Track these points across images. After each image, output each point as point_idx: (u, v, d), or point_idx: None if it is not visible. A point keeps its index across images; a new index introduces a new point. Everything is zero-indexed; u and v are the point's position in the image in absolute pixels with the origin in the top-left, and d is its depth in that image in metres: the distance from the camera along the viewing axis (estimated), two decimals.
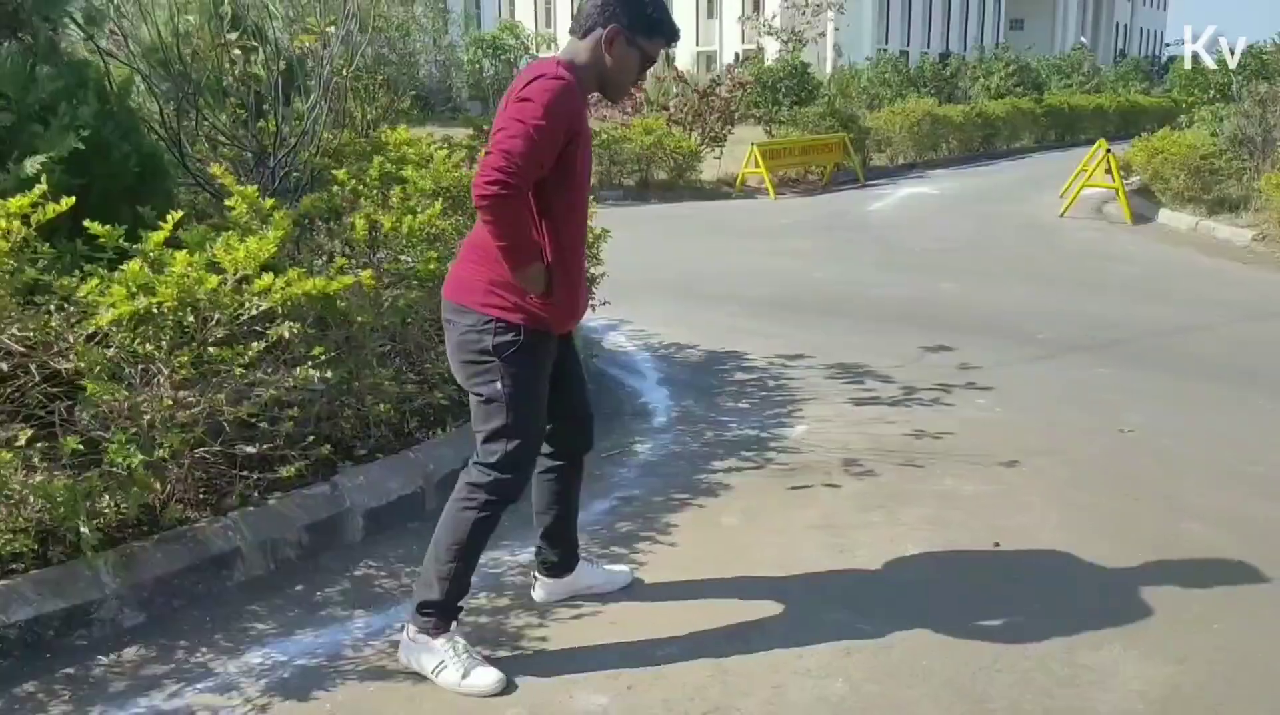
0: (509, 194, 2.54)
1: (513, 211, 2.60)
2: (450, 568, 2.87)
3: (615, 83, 2.85)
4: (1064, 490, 4.27)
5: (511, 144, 2.55)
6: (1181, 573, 3.54)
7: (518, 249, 2.67)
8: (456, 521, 2.88)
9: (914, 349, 6.54)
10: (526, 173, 2.56)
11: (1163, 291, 8.56)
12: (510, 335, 2.76)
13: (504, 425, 2.81)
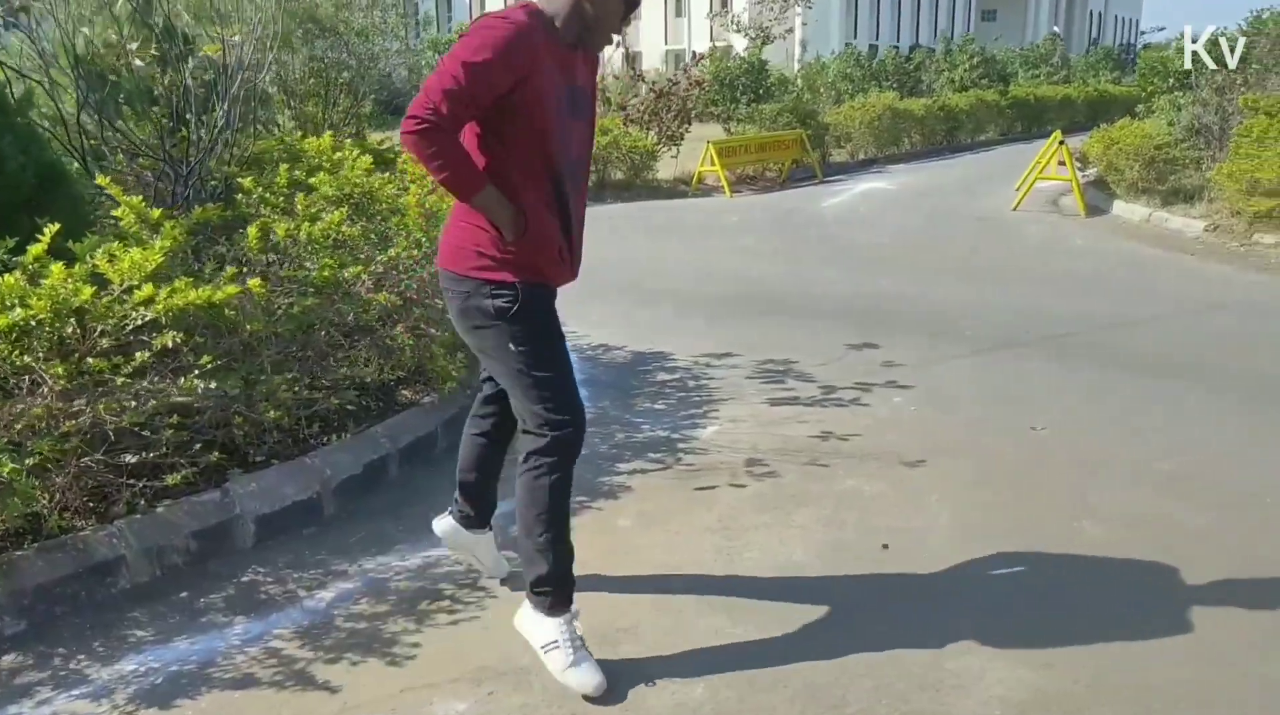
0: (427, 129, 2.52)
1: (436, 146, 2.55)
2: (545, 538, 2.88)
3: (597, 29, 2.79)
4: (964, 491, 4.33)
5: (436, 79, 2.55)
6: (1066, 575, 3.60)
7: (454, 181, 2.64)
8: (533, 492, 2.86)
9: (842, 347, 6.59)
10: (450, 108, 2.53)
11: (1104, 285, 8.64)
12: (507, 294, 2.75)
13: (533, 385, 2.80)
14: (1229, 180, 10.59)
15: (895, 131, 21.81)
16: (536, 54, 2.63)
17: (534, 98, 2.65)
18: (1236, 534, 3.89)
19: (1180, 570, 3.60)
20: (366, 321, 4.34)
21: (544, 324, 2.84)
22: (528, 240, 2.74)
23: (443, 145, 2.57)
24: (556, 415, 2.81)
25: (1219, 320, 7.29)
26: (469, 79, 2.54)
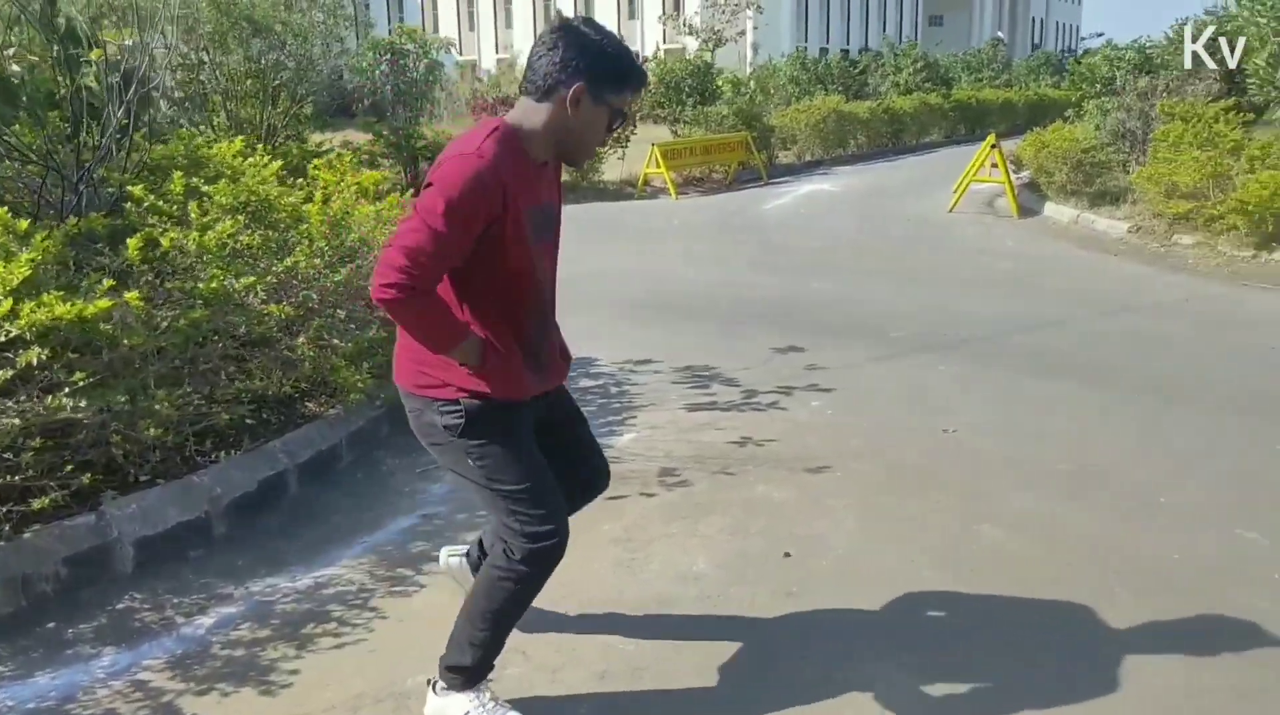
0: (407, 297, 2.35)
1: (417, 310, 2.41)
2: (484, 636, 2.72)
3: (580, 144, 2.57)
4: (871, 495, 4.28)
5: (414, 238, 2.35)
6: (959, 580, 3.56)
7: (435, 339, 2.49)
8: (492, 592, 2.69)
9: (767, 351, 6.54)
10: (430, 271, 2.36)
11: (1029, 286, 8.68)
12: (454, 413, 2.57)
13: (501, 499, 2.63)
14: (1149, 183, 10.72)
15: (841, 133, 21.91)
16: (507, 189, 2.42)
17: (508, 235, 2.47)
18: (1124, 534, 3.88)
19: (1067, 571, 3.59)
20: (263, 333, 4.21)
21: (507, 438, 2.63)
22: (485, 369, 2.57)
23: (424, 308, 2.42)
24: (532, 527, 2.63)
25: (1130, 321, 7.32)
26: (445, 234, 2.35)
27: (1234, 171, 9.96)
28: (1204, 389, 5.67)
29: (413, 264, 2.33)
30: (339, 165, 5.90)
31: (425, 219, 2.35)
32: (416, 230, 2.36)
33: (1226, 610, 3.33)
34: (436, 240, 2.35)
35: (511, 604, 2.70)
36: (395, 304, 2.37)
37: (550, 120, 2.49)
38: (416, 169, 14.96)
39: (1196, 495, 4.26)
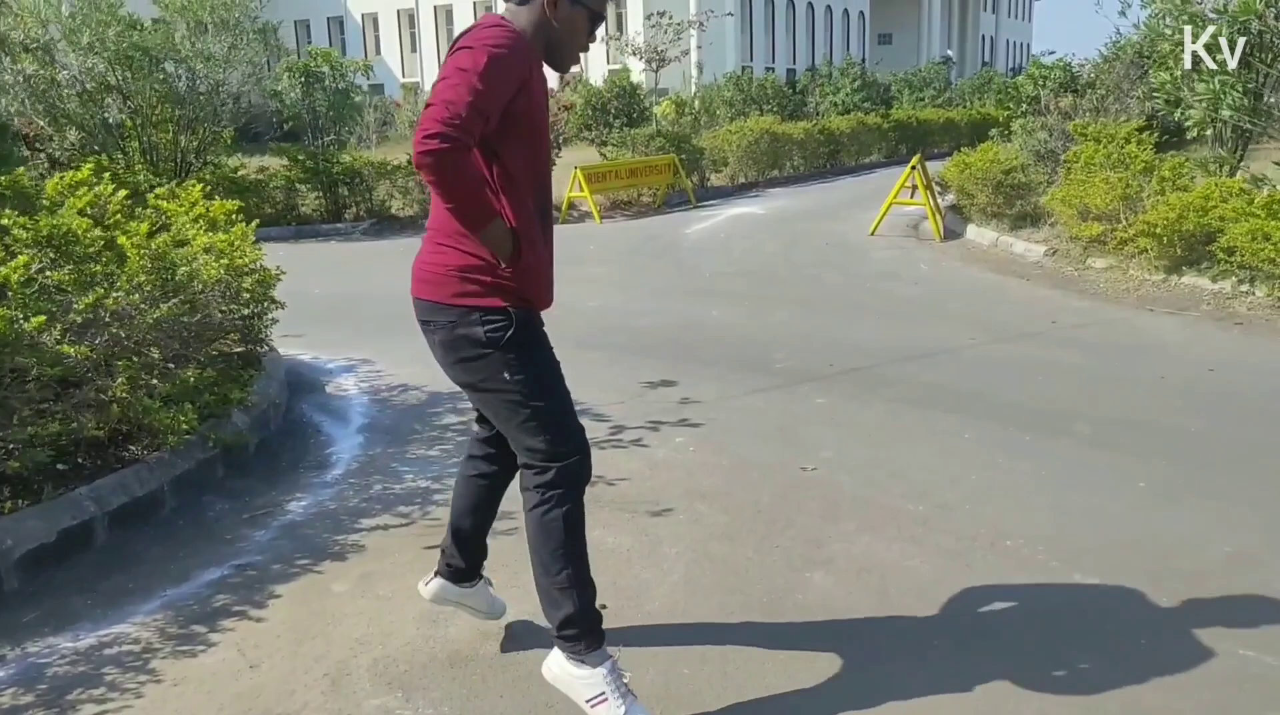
0: (450, 148, 2.31)
1: (457, 167, 2.36)
2: (566, 574, 2.73)
3: (562, 48, 2.64)
4: (708, 540, 4.15)
5: (453, 93, 2.34)
6: (773, 635, 3.42)
7: (471, 209, 2.46)
8: (546, 528, 2.72)
9: (646, 383, 6.41)
10: (470, 123, 2.34)
11: (931, 312, 8.62)
12: (500, 321, 2.59)
13: (532, 416, 2.65)
14: (1062, 205, 10.71)
15: (775, 155, 21.87)
16: (531, 63, 2.52)
17: (530, 108, 2.53)
18: (958, 581, 3.76)
19: (889, 623, 3.47)
20: (64, 374, 4.01)
21: (539, 350, 2.71)
22: (521, 266, 2.60)
23: (465, 167, 2.40)
24: (561, 446, 2.69)
25: (1024, 349, 7.26)
26: (482, 88, 2.36)
27: (1145, 193, 9.97)
28: (1079, 420, 5.60)
29: (454, 115, 2.32)
30: (184, 196, 5.69)
31: (462, 76, 2.37)
32: (455, 85, 2.36)
33: (1045, 666, 3.21)
34: (475, 93, 2.34)
35: (569, 534, 2.73)
36: (439, 156, 2.31)
37: (533, 21, 2.58)
38: (336, 194, 14.75)
39: (1044, 535, 4.15)
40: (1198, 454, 5.07)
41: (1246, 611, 3.50)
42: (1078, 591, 3.71)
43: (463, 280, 2.59)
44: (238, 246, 4.97)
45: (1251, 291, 8.49)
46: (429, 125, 2.32)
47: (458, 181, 2.40)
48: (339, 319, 8.65)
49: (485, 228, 2.49)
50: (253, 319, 5.35)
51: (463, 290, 2.59)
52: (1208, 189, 9.10)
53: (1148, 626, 3.44)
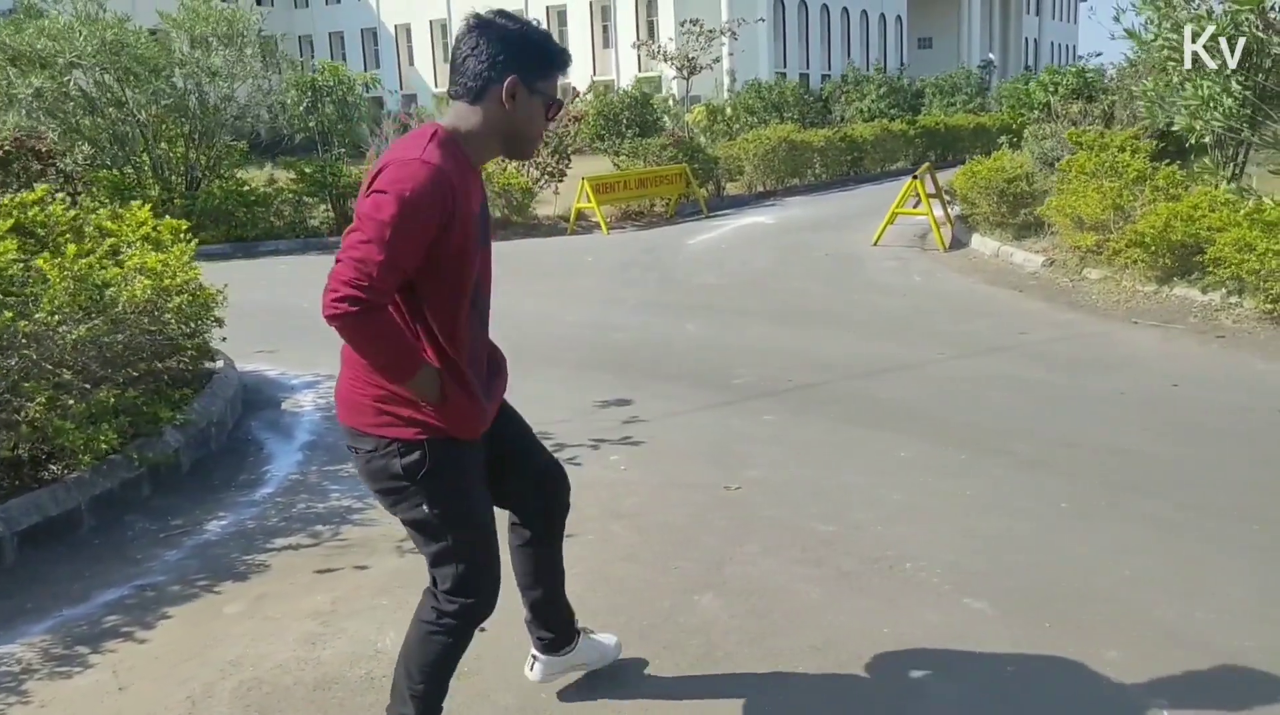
0: (360, 310, 2.23)
1: (373, 328, 2.29)
2: (422, 689, 2.72)
3: (524, 139, 2.52)
4: (611, 562, 4.16)
5: (362, 250, 2.25)
6: (657, 661, 3.41)
7: (392, 365, 2.38)
8: (425, 645, 2.71)
9: (598, 400, 6.43)
10: (381, 282, 2.25)
11: (908, 326, 8.55)
12: (416, 455, 2.48)
13: (446, 548, 2.60)
14: (1058, 214, 10.58)
15: (794, 163, 21.81)
16: (456, 193, 2.34)
17: (457, 245, 2.39)
18: (848, 605, 3.74)
19: (770, 648, 3.45)
20: None
21: (462, 482, 2.59)
22: (447, 405, 2.49)
23: (381, 326, 2.31)
24: (468, 585, 2.64)
25: (993, 364, 7.19)
26: (395, 241, 2.25)
27: (1137, 203, 9.82)
28: (1020, 439, 5.53)
29: (362, 276, 2.23)
30: (129, 216, 5.79)
31: (373, 228, 2.26)
32: (365, 241, 2.26)
33: (897, 691, 3.19)
34: (387, 248, 2.25)
35: (445, 657, 2.72)
36: (347, 320, 2.24)
37: (489, 120, 2.44)
38: (344, 206, 14.92)
39: (947, 558, 4.11)
40: (1129, 474, 5.00)
41: (1121, 637, 3.45)
42: (959, 615, 3.66)
43: (379, 412, 2.48)
44: (171, 266, 5.04)
45: (1239, 303, 8.34)
46: (336, 287, 2.24)
47: (374, 341, 2.33)
48: (314, 334, 8.59)
49: (410, 380, 2.41)
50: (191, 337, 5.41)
51: (379, 421, 2.49)
52: (1197, 199, 8.95)
53: (1018, 651, 3.39)
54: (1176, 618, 3.60)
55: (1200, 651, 3.36)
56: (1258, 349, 7.33)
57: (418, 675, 2.71)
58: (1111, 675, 3.24)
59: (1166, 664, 3.29)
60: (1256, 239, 7.79)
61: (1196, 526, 4.38)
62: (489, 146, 2.50)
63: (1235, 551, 4.13)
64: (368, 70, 50.93)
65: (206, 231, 13.91)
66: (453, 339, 2.48)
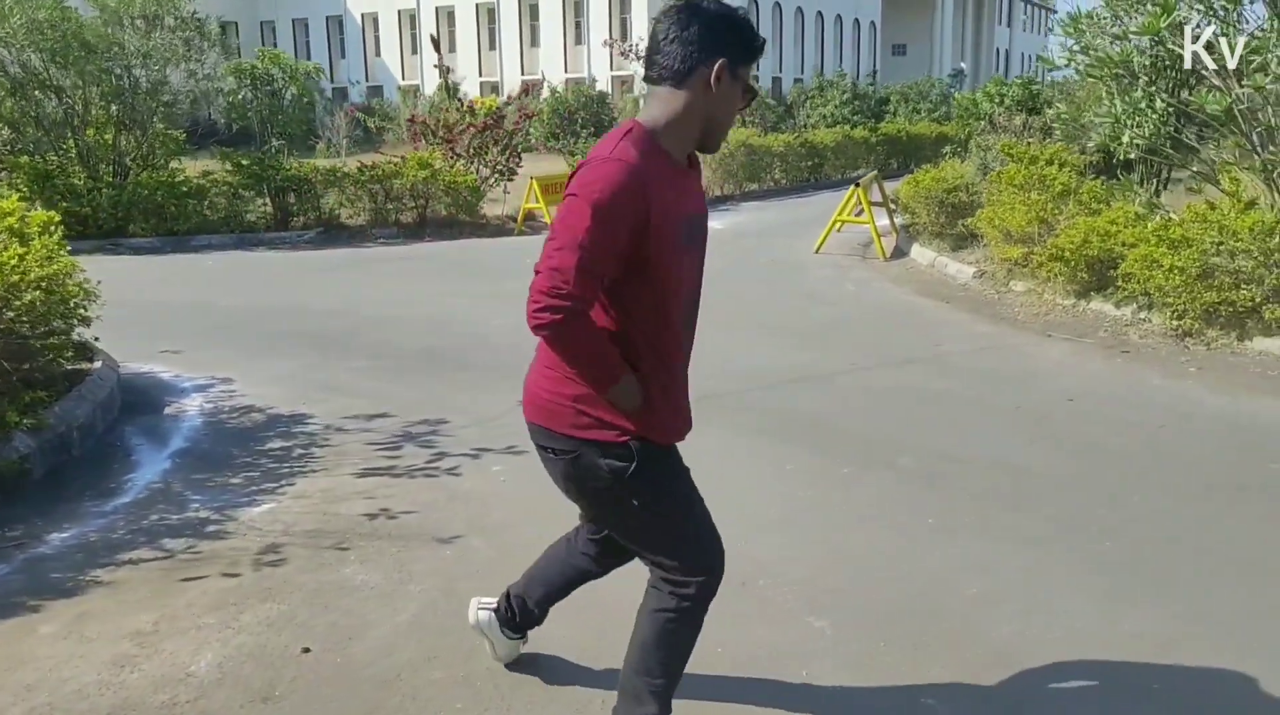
0: (564, 318, 2.23)
1: (577, 336, 2.29)
2: (662, 683, 2.69)
3: (720, 126, 2.46)
4: (460, 578, 4.03)
5: (559, 258, 2.22)
6: (462, 680, 3.31)
7: (597, 373, 2.37)
8: (665, 638, 2.66)
9: (510, 405, 6.28)
10: (584, 289, 2.23)
11: (829, 336, 8.47)
12: (619, 455, 2.45)
13: (664, 539, 2.60)
14: (988, 226, 10.54)
15: (754, 167, 21.74)
16: (649, 191, 2.28)
17: (656, 247, 2.33)
18: None
19: (590, 664, 3.35)
20: None
21: (668, 473, 2.58)
22: (648, 411, 2.46)
23: (582, 333, 2.30)
24: (699, 562, 2.63)
25: (902, 376, 7.12)
26: (591, 245, 2.22)
27: (1062, 217, 9.79)
28: (908, 452, 5.46)
29: (562, 283, 2.22)
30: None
31: (567, 234, 2.24)
32: (560, 248, 2.24)
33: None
34: (583, 253, 2.22)
35: (686, 646, 2.70)
36: (554, 329, 2.26)
37: (692, 104, 2.37)
38: (284, 201, 14.73)
39: (802, 575, 4.03)
40: (1005, 489, 4.94)
41: (951, 656, 3.38)
42: (797, 635, 3.58)
43: (577, 413, 2.46)
44: (27, 262, 4.88)
45: (1148, 319, 8.32)
46: (537, 298, 2.24)
47: (578, 351, 2.33)
48: (228, 333, 8.59)
49: (613, 387, 2.39)
50: (46, 337, 5.24)
51: (578, 422, 2.46)
52: (1114, 214, 8.92)
53: (845, 672, 3.32)
54: (1011, 636, 3.56)
55: (1022, 671, 3.31)
56: (1158, 365, 7.30)
57: (659, 670, 2.67)
58: (929, 699, 3.16)
59: (986, 683, 3.24)
60: (1162, 256, 7.76)
61: (1056, 543, 4.34)
62: (689, 135, 2.42)
63: (1087, 569, 4.09)
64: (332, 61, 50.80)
65: (135, 224, 13.71)
66: (659, 344, 2.46)
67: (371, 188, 15.07)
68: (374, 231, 15.05)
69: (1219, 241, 7.60)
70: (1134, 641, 3.53)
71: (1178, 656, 3.43)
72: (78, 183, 13.33)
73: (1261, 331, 7.56)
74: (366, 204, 15.19)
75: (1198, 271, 7.67)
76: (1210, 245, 7.63)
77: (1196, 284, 7.68)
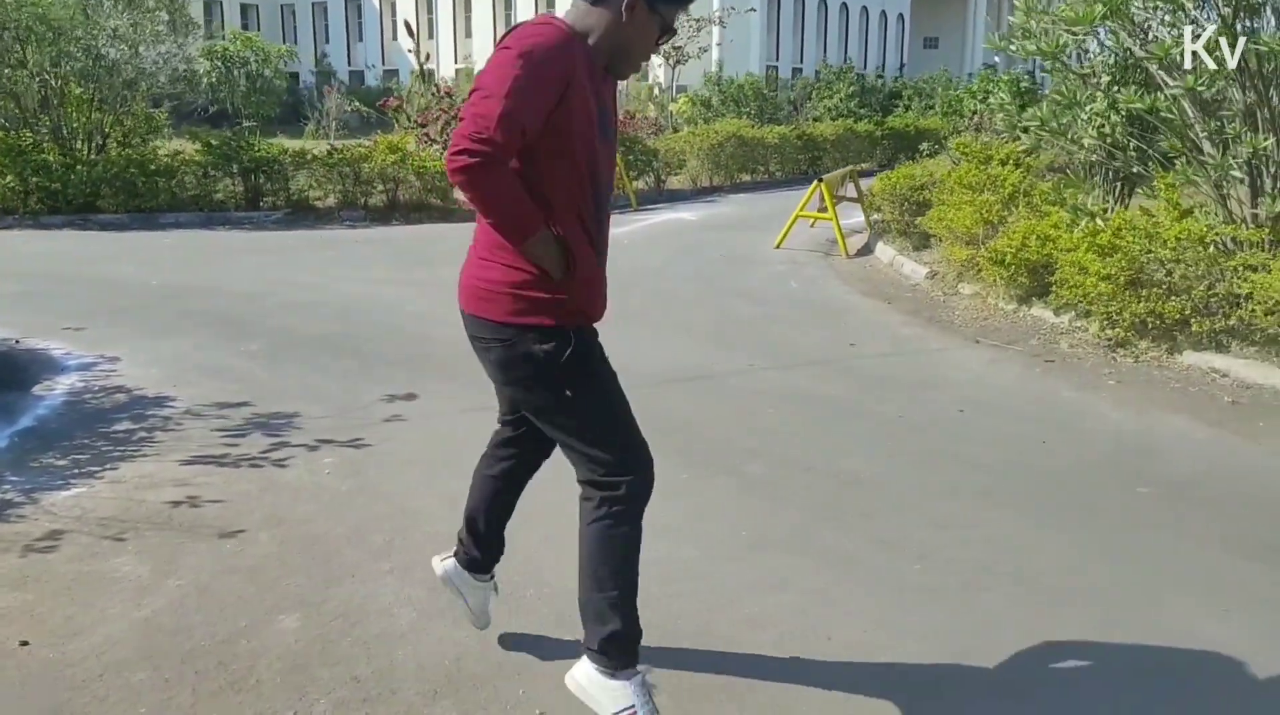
0: (482, 162, 2.26)
1: (493, 181, 2.31)
2: (617, 593, 2.69)
3: (629, 56, 2.54)
4: (215, 576, 3.87)
5: (484, 106, 2.26)
6: (191, 686, 3.17)
7: (513, 222, 2.40)
8: (608, 544, 2.67)
9: (379, 397, 6.18)
10: (502, 138, 2.26)
11: (745, 334, 8.27)
12: (555, 341, 2.51)
13: (597, 432, 2.63)
14: (937, 226, 10.29)
15: (744, 159, 21.47)
16: (578, 66, 2.39)
17: (578, 114, 2.42)
18: (438, 633, 3.47)
19: (306, 680, 3.19)
20: None
21: (599, 363, 2.66)
22: (574, 279, 2.52)
23: (499, 180, 2.33)
24: (629, 459, 2.66)
25: (794, 378, 6.93)
26: (521, 97, 2.28)
27: (1010, 218, 9.53)
28: (759, 460, 5.26)
29: (482, 129, 2.25)
30: None
31: (496, 84, 2.28)
32: (486, 96, 2.29)
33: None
34: (507, 101, 2.26)
35: (629, 550, 2.69)
36: (470, 171, 2.27)
37: (603, 26, 2.47)
38: (253, 181, 14.66)
39: (569, 586, 3.84)
40: (843, 502, 4.75)
41: (688, 685, 3.19)
42: (544, 651, 3.41)
43: (515, 298, 2.51)
44: None
45: (1085, 328, 8.05)
46: (458, 142, 2.27)
47: (493, 196, 2.35)
48: (141, 312, 8.51)
49: (529, 239, 2.42)
50: None
51: (515, 308, 2.51)
52: (1058, 218, 8.65)
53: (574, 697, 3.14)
54: (774, 666, 3.35)
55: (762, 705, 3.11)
56: (1076, 376, 7.05)
57: (609, 580, 2.67)
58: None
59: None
60: (1090, 262, 7.51)
61: (865, 564, 4.14)
62: (599, 50, 2.49)
63: (882, 592, 3.90)
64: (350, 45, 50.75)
65: (105, 200, 13.70)
66: (578, 214, 2.50)
67: (341, 170, 14.97)
68: (341, 214, 14.97)
69: (1148, 249, 7.34)
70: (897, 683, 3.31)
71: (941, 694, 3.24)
72: (51, 159, 13.34)
73: (1191, 345, 7.30)
74: (336, 187, 15.09)
75: (1126, 280, 7.41)
76: (1139, 253, 7.37)
77: (1125, 293, 7.42)
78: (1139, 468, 5.34)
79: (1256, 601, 3.89)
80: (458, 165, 2.28)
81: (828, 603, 3.81)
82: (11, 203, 13.23)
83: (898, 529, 4.48)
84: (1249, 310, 6.74)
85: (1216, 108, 8.06)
